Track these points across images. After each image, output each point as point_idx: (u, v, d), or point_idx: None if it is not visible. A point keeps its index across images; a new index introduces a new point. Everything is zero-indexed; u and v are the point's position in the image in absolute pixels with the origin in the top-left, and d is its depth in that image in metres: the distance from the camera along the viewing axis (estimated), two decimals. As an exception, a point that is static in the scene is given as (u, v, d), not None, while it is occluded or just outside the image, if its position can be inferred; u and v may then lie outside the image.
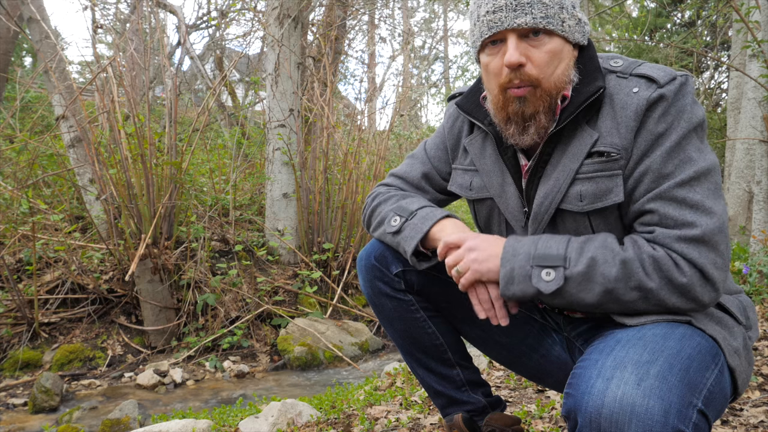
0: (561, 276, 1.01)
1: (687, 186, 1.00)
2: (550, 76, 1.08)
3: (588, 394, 0.87)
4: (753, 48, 3.96)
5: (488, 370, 2.62)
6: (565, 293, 1.02)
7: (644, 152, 1.04)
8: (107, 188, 4.36)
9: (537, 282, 1.03)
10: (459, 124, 1.35)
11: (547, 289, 1.02)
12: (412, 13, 18.24)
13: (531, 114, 1.10)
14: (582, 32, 1.12)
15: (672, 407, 0.83)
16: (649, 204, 1.03)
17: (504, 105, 1.12)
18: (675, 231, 1.00)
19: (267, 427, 2.04)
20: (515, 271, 1.05)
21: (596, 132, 1.08)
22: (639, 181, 1.05)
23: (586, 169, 1.09)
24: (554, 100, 1.10)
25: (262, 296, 4.70)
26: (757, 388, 2.12)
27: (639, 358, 0.89)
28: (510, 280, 1.06)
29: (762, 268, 3.66)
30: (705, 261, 0.98)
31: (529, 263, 1.04)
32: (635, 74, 1.08)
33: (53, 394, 3.34)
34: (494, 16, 1.07)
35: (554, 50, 1.07)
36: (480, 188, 1.28)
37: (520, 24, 1.05)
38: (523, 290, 1.05)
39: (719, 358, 0.99)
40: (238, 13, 9.11)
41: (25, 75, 10.50)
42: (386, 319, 1.39)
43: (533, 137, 1.11)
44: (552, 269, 1.02)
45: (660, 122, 1.03)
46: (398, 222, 1.28)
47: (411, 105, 12.58)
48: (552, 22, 1.06)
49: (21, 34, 6.84)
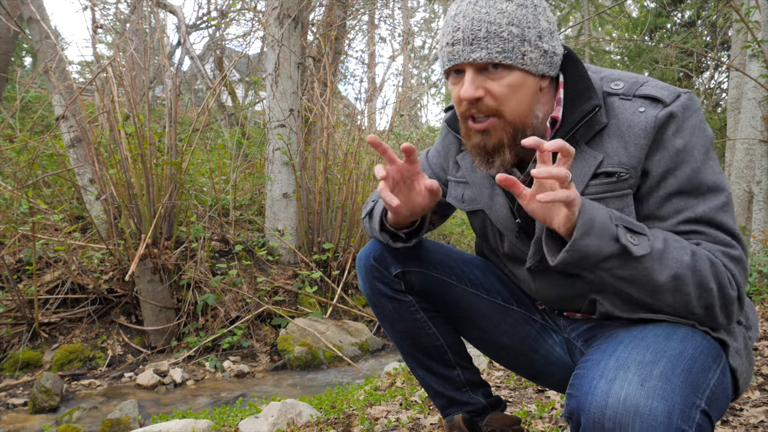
0: (647, 244, 0.94)
1: (722, 212, 1.01)
2: (513, 109, 1.06)
3: (591, 394, 0.87)
4: (753, 48, 3.96)
5: (488, 370, 2.62)
6: (641, 264, 0.94)
7: (666, 170, 1.02)
8: (107, 188, 4.36)
9: (625, 241, 0.92)
10: (450, 137, 1.36)
11: (637, 252, 0.93)
12: (412, 13, 18.23)
13: (493, 146, 1.08)
14: (549, 63, 1.08)
15: (675, 408, 0.83)
16: (685, 225, 1.01)
17: (467, 134, 1.12)
18: (719, 246, 0.99)
19: (267, 427, 2.04)
20: (597, 222, 0.92)
21: (600, 153, 1.06)
22: (666, 201, 1.03)
23: (592, 191, 1.07)
24: (521, 132, 1.08)
25: (262, 296, 4.70)
26: (757, 388, 2.12)
27: (642, 359, 0.89)
28: (588, 230, 0.92)
29: (762, 268, 3.67)
30: (742, 281, 0.99)
31: (612, 222, 0.94)
32: (639, 95, 1.06)
33: (53, 394, 3.34)
34: (452, 48, 1.06)
35: (514, 84, 1.05)
36: (471, 200, 1.28)
37: (475, 59, 1.03)
38: (600, 246, 0.92)
39: (721, 358, 0.99)
40: (238, 13, 9.10)
41: (25, 75, 10.51)
42: (386, 319, 1.39)
43: (500, 169, 1.10)
44: (636, 235, 0.95)
45: (676, 138, 1.02)
46: (370, 206, 1.31)
47: (411, 105, 12.58)
48: (510, 56, 1.03)
49: (21, 34, 6.84)
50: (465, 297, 1.36)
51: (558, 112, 1.09)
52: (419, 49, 18.07)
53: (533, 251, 1.18)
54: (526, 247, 1.21)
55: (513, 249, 1.26)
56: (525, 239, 1.20)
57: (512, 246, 1.25)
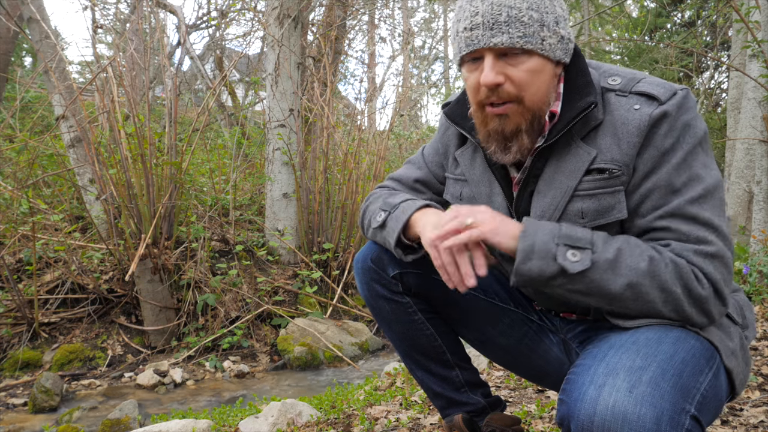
0: (588, 258, 0.97)
1: (697, 204, 0.99)
2: (533, 94, 1.05)
3: (580, 401, 0.87)
4: (753, 48, 3.95)
5: (488, 371, 2.62)
6: (587, 278, 0.97)
7: (651, 168, 1.02)
8: (107, 188, 4.36)
9: (563, 260, 0.97)
10: (450, 133, 1.33)
11: (573, 269, 0.96)
12: (412, 13, 18.23)
13: (512, 132, 1.07)
14: (564, 50, 1.09)
15: (664, 414, 0.83)
16: (660, 221, 1.01)
17: (483, 121, 1.10)
18: (690, 245, 0.98)
19: (267, 427, 2.04)
20: (537, 246, 0.98)
21: (594, 149, 1.06)
22: (646, 197, 1.03)
23: (585, 186, 1.07)
24: (537, 119, 1.07)
25: (262, 296, 4.71)
26: (757, 388, 2.12)
27: (632, 364, 0.88)
28: (529, 255, 0.99)
29: (762, 268, 3.67)
30: (719, 277, 0.98)
31: (553, 240, 0.99)
32: (635, 92, 1.05)
33: (53, 394, 3.34)
34: (471, 33, 1.04)
35: (534, 69, 1.04)
36: (469, 198, 1.27)
37: (497, 44, 1.02)
38: (542, 268, 0.98)
39: (715, 360, 0.98)
40: (238, 13, 9.10)
41: (25, 75, 10.51)
42: (384, 321, 1.39)
43: (515, 156, 1.09)
44: (578, 251, 0.97)
45: (666, 138, 1.01)
46: (383, 216, 1.26)
47: (411, 105, 12.58)
48: (530, 41, 1.03)
49: (21, 34, 6.84)
50: (462, 298, 1.36)
51: (557, 106, 1.09)
52: (419, 49, 18.07)
53: None
54: None
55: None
56: None
57: None
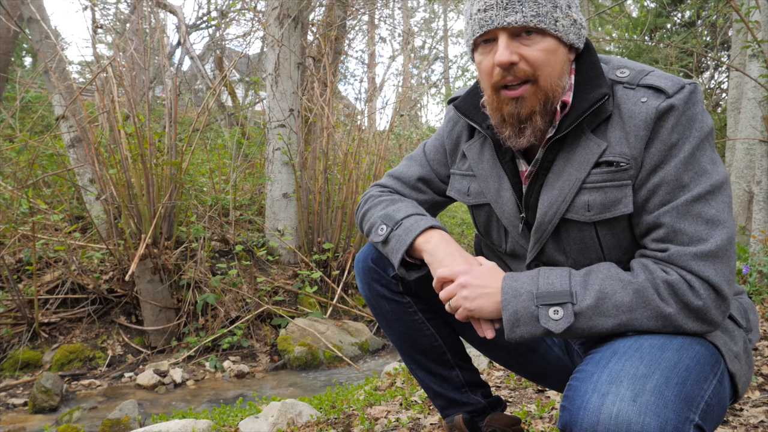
0: (570, 313, 0.98)
1: (703, 200, 0.99)
2: (547, 75, 1.05)
3: (583, 409, 0.86)
4: (753, 48, 3.95)
5: (488, 371, 2.62)
6: (576, 329, 0.99)
7: (658, 163, 1.02)
8: (107, 188, 4.36)
9: (545, 322, 0.98)
10: (458, 128, 1.32)
11: (558, 329, 0.98)
12: (412, 13, 18.22)
13: (527, 115, 1.07)
14: (578, 34, 1.09)
15: (668, 424, 0.82)
16: (664, 218, 1.01)
17: (498, 106, 1.10)
18: (690, 248, 0.97)
19: (267, 427, 2.04)
20: (520, 313, 1.01)
21: (604, 141, 1.05)
22: (653, 193, 1.02)
23: (593, 179, 1.06)
24: (551, 102, 1.07)
25: (262, 296, 4.70)
26: (757, 388, 2.12)
27: (635, 372, 0.87)
28: (515, 323, 1.01)
29: (762, 268, 3.67)
30: (719, 278, 0.96)
31: (533, 303, 1.00)
32: (643, 84, 1.05)
33: (53, 394, 3.34)
34: (485, 14, 1.05)
35: (548, 48, 1.05)
36: (477, 193, 1.26)
37: (510, 22, 1.03)
38: (530, 332, 1.00)
39: (719, 365, 0.97)
40: (238, 13, 9.10)
41: (25, 75, 10.50)
42: (385, 321, 1.39)
43: (530, 139, 1.09)
44: (559, 307, 0.99)
45: (673, 132, 1.01)
46: (384, 232, 1.25)
47: (411, 105, 12.58)
48: (544, 20, 1.03)
49: (21, 34, 6.83)
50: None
51: (568, 96, 1.09)
52: (419, 49, 18.06)
53: (534, 241, 1.16)
54: (527, 243, 1.20)
55: (515, 245, 1.24)
56: (527, 234, 1.19)
57: (514, 242, 1.23)
